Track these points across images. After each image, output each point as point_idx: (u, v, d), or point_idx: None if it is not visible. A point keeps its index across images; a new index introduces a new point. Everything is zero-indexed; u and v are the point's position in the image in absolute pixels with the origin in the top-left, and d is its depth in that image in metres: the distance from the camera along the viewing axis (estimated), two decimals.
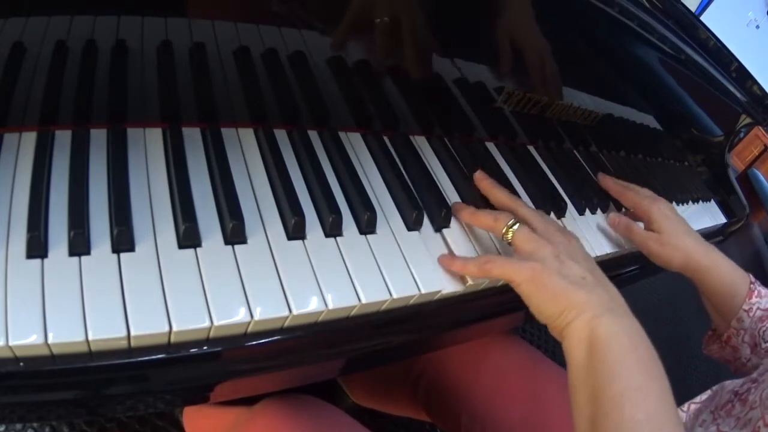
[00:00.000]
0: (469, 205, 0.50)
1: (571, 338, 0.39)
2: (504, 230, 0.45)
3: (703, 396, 0.56)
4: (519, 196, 0.51)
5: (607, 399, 0.35)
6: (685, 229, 0.60)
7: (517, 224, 0.45)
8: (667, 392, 0.36)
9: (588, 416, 0.36)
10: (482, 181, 0.52)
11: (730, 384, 0.53)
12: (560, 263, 0.42)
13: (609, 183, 0.67)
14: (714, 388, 0.56)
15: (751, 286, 0.58)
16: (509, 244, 0.45)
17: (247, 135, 0.46)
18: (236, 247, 0.37)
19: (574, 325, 0.39)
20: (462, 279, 0.45)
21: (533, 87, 0.59)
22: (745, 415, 0.46)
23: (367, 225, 0.43)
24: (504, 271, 0.42)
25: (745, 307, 0.57)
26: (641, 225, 0.63)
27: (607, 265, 0.63)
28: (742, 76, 0.75)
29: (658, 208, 0.60)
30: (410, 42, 0.47)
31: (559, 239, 0.44)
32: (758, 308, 0.57)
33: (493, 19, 0.51)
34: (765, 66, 0.78)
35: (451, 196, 0.53)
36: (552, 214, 0.59)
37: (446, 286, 0.44)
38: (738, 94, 0.78)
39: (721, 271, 0.58)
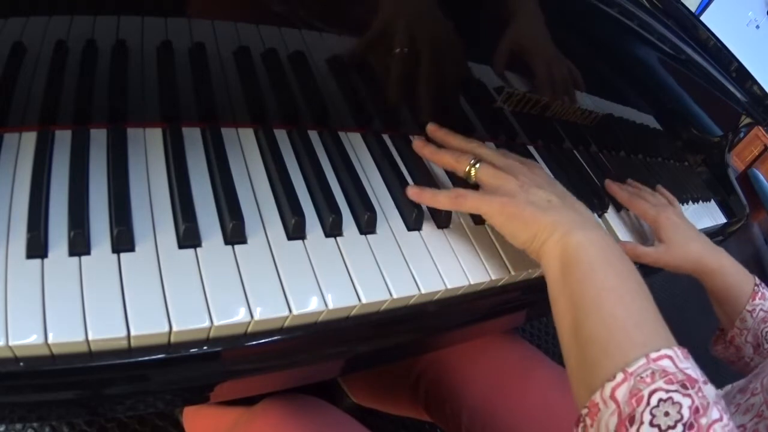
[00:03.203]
0: (430, 144, 0.51)
1: (546, 257, 0.41)
2: (467, 168, 0.47)
3: None
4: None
5: (584, 303, 0.37)
6: (692, 235, 0.62)
7: (479, 163, 0.47)
8: (643, 290, 0.37)
9: (569, 324, 0.37)
10: (436, 131, 0.53)
11: (734, 388, 0.53)
12: (526, 192, 0.44)
13: (615, 190, 0.67)
14: (719, 392, 0.56)
15: (756, 288, 0.59)
16: (473, 182, 0.47)
17: (247, 135, 0.46)
18: (236, 247, 0.37)
19: (547, 245, 0.41)
20: (463, 278, 0.45)
21: (541, 90, 0.59)
22: (746, 401, 0.46)
23: (367, 225, 0.43)
24: (475, 204, 0.44)
25: (749, 307, 0.59)
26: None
27: None
28: (742, 76, 0.76)
29: (666, 217, 0.62)
30: (428, 68, 0.49)
31: (522, 170, 0.46)
32: (761, 309, 0.58)
33: (497, 20, 0.51)
34: (765, 66, 0.78)
35: None
36: None
37: (446, 285, 0.44)
38: (738, 94, 0.78)
39: (728, 273, 0.60)
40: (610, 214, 0.67)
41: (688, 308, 1.78)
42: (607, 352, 0.34)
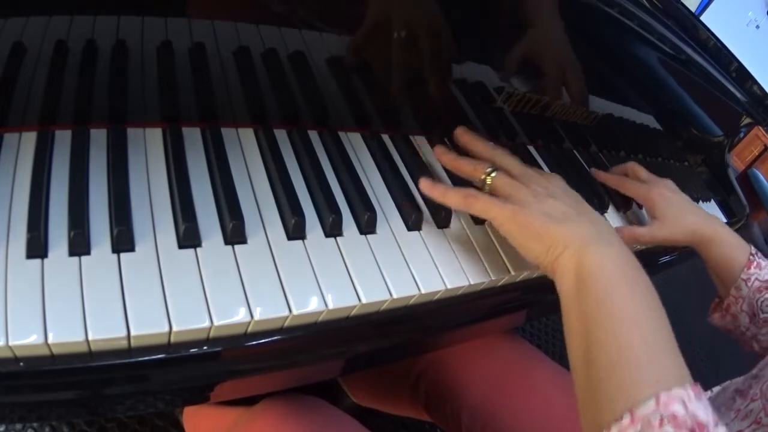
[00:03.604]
0: (450, 151, 0.50)
1: (560, 273, 0.39)
2: (483, 176, 0.45)
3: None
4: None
5: (598, 330, 0.34)
6: (687, 206, 0.62)
7: (495, 171, 0.45)
8: (661, 318, 0.35)
9: (582, 351, 0.35)
10: (463, 135, 0.52)
11: (732, 384, 0.53)
12: (540, 202, 0.42)
13: (604, 176, 0.67)
14: (716, 389, 0.56)
15: (751, 257, 0.60)
16: (489, 191, 0.45)
17: (247, 135, 0.46)
18: (236, 247, 0.37)
19: (561, 260, 0.39)
20: (463, 278, 0.45)
21: (550, 93, 0.60)
22: (746, 407, 0.46)
23: (367, 225, 0.43)
24: (485, 206, 0.42)
25: (744, 276, 0.59)
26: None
27: None
28: (742, 76, 0.76)
29: (658, 193, 0.62)
30: (430, 55, 0.48)
31: (538, 180, 0.44)
32: (756, 279, 0.59)
33: (498, 20, 0.51)
34: (765, 66, 0.78)
35: None
36: None
37: (446, 285, 0.44)
38: (738, 94, 0.78)
39: (723, 241, 0.60)
40: (611, 214, 0.67)
41: (688, 307, 1.78)
42: (619, 388, 0.32)
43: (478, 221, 0.51)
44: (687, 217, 0.61)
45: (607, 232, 0.41)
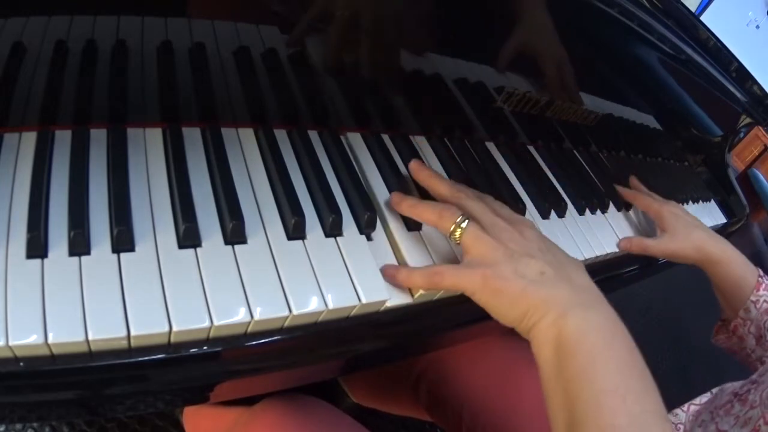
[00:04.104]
0: (408, 196, 0.44)
1: (538, 342, 0.36)
2: (452, 228, 0.40)
3: (703, 398, 0.56)
4: (463, 186, 0.45)
5: (582, 405, 0.32)
6: (695, 224, 0.63)
7: (466, 221, 0.40)
8: (649, 390, 0.33)
9: (564, 426, 0.33)
10: (420, 171, 0.46)
11: (730, 386, 0.54)
12: (515, 262, 0.38)
13: (620, 189, 0.70)
14: (714, 390, 0.56)
15: (759, 279, 0.60)
16: (457, 243, 0.41)
17: (247, 135, 0.46)
18: (236, 247, 0.37)
19: (539, 328, 0.36)
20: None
21: (547, 90, 0.60)
22: (745, 414, 0.46)
23: (367, 225, 0.43)
24: (454, 281, 0.38)
25: (753, 298, 0.60)
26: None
27: (607, 264, 0.63)
28: (742, 76, 0.76)
29: (668, 209, 0.64)
30: (370, 37, 0.44)
31: (510, 234, 0.40)
32: (765, 301, 0.59)
33: (498, 20, 0.51)
34: (765, 66, 0.78)
35: None
36: (553, 214, 0.59)
37: None
38: (738, 94, 0.78)
39: (732, 262, 0.61)
40: (612, 213, 0.67)
41: (688, 308, 1.78)
42: None
43: None
44: (696, 234, 0.62)
45: (587, 290, 0.38)
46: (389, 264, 0.42)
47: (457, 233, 0.40)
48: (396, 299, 0.41)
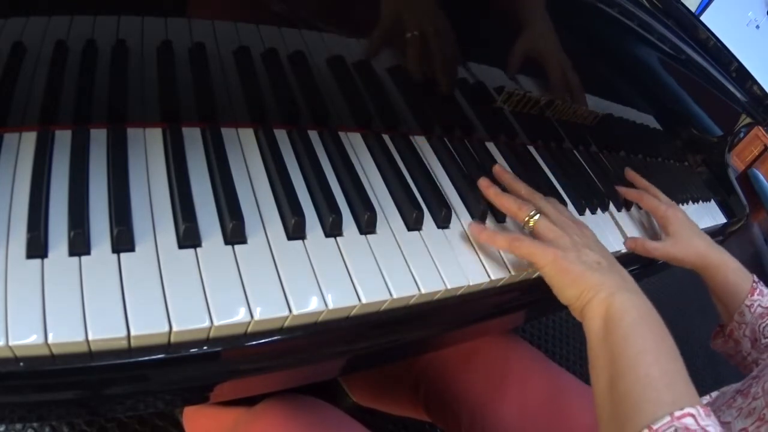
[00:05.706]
0: (495, 185, 0.52)
1: (590, 316, 0.43)
2: (526, 219, 0.49)
3: (703, 400, 0.56)
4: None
5: (623, 361, 0.39)
6: (697, 232, 0.67)
7: (538, 215, 0.48)
8: (676, 353, 0.40)
9: (607, 379, 0.39)
10: (503, 175, 0.56)
11: (731, 387, 0.54)
12: (578, 251, 0.45)
13: (625, 190, 0.71)
14: (713, 394, 0.57)
15: (754, 284, 0.63)
16: (530, 232, 0.49)
17: (247, 135, 0.46)
18: (236, 247, 0.37)
19: (592, 304, 0.43)
20: (463, 278, 0.45)
21: (552, 91, 0.60)
22: (748, 405, 0.47)
23: (367, 225, 0.43)
24: (531, 251, 0.45)
25: (747, 302, 0.62)
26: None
27: None
28: (742, 76, 0.76)
29: (674, 213, 0.67)
30: (439, 55, 0.50)
31: (575, 230, 0.48)
32: (759, 305, 0.62)
33: (499, 20, 0.51)
34: (765, 66, 0.78)
35: (451, 195, 0.53)
36: None
37: (446, 285, 0.44)
38: (738, 94, 0.79)
39: (728, 269, 0.64)
40: (612, 213, 0.67)
41: (688, 308, 1.78)
42: (638, 409, 0.36)
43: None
44: (697, 241, 0.65)
45: (631, 282, 0.46)
46: (476, 222, 0.50)
47: (531, 222, 0.48)
48: (402, 292, 0.41)
